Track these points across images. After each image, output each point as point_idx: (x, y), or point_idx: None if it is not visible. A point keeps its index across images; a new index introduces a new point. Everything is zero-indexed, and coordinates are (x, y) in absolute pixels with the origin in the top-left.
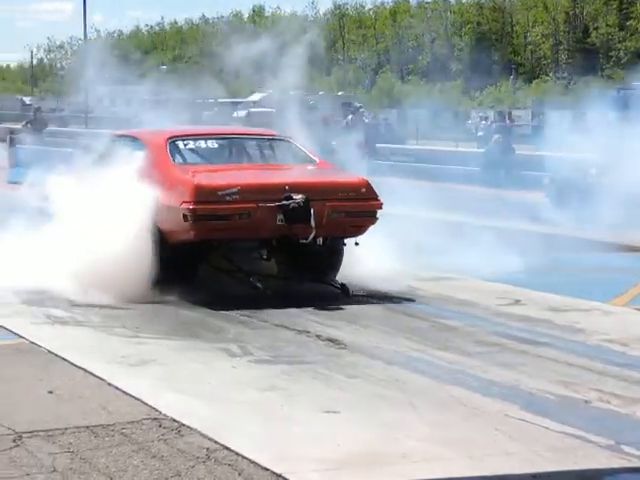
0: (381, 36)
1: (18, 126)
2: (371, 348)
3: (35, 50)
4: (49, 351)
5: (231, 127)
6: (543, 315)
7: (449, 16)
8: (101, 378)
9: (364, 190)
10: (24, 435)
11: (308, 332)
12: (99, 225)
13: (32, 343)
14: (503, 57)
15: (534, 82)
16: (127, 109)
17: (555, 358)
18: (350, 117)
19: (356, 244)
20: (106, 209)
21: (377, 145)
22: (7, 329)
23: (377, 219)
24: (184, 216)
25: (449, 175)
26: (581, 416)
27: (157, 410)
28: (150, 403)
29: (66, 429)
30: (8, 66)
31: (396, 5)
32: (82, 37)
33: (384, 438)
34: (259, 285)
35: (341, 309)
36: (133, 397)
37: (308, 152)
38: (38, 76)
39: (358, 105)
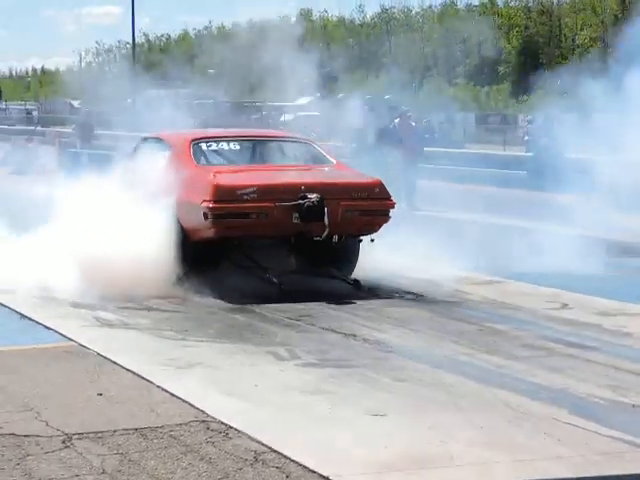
0: (428, 40)
1: (68, 130)
2: (418, 351)
3: (84, 54)
4: (98, 354)
5: (253, 129)
6: (591, 319)
7: (496, 19)
8: (150, 380)
9: (377, 190)
10: (74, 437)
11: (355, 335)
12: (126, 225)
13: (81, 346)
14: (551, 60)
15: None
16: (174, 112)
17: (603, 362)
18: (397, 121)
19: (372, 240)
20: (133, 209)
21: (425, 149)
22: (57, 332)
23: (390, 217)
24: (204, 214)
25: (497, 179)
26: (629, 420)
27: (205, 412)
28: (198, 405)
29: (115, 431)
30: (57, 69)
31: (443, 8)
32: (130, 41)
33: (430, 441)
34: (275, 281)
35: (388, 313)
36: (181, 399)
37: (326, 154)
38: (87, 79)
39: (405, 109)
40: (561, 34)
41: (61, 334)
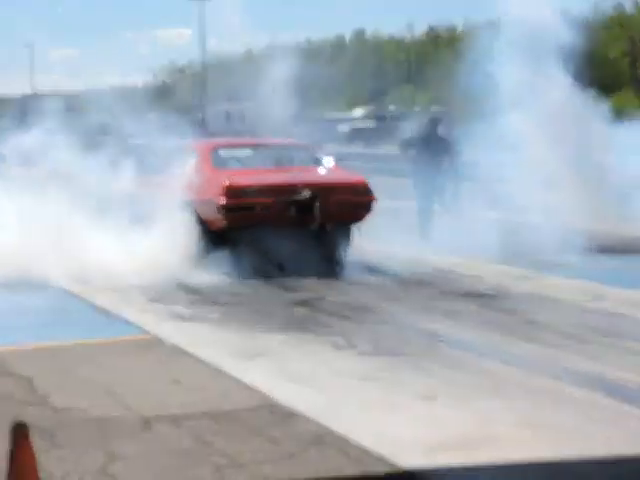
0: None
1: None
2: (465, 341)
3: (158, 73)
4: (173, 345)
5: (265, 138)
6: (627, 310)
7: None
8: (220, 369)
9: (362, 188)
10: (152, 420)
11: (408, 326)
12: (157, 218)
13: (158, 338)
14: (583, 73)
15: (614, 96)
16: (241, 124)
17: (638, 350)
18: (425, 127)
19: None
20: (163, 205)
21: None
22: (136, 325)
23: (372, 210)
24: (218, 208)
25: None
26: None
27: (271, 398)
28: (265, 392)
29: (190, 415)
30: (135, 86)
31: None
32: (200, 59)
33: (477, 423)
34: (275, 263)
35: (438, 306)
36: (249, 386)
37: (324, 157)
38: (162, 96)
39: (435, 114)
40: (593, 49)
41: (139, 327)
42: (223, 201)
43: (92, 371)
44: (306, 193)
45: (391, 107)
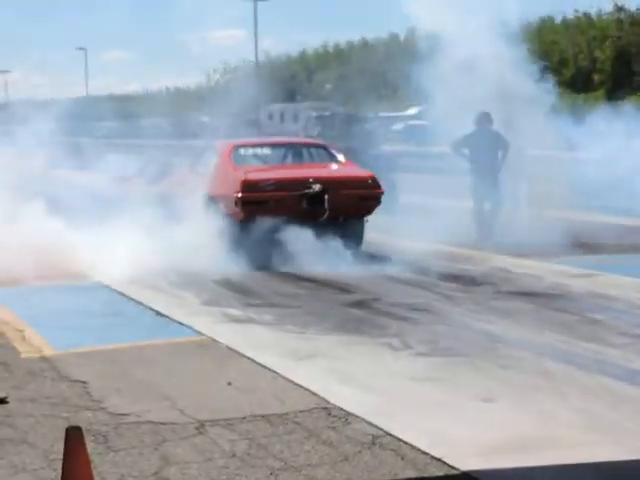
0: (529, 51)
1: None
2: (523, 341)
3: (212, 73)
4: (228, 347)
5: (282, 137)
6: None
7: (591, 32)
8: (275, 371)
9: (370, 182)
10: (206, 423)
11: (464, 326)
12: (184, 214)
13: (212, 340)
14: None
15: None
16: (294, 125)
17: None
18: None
19: (366, 221)
20: (189, 200)
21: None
22: (191, 327)
23: (380, 202)
24: (235, 202)
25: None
26: None
27: (326, 400)
28: (319, 393)
29: (244, 418)
30: (189, 88)
31: (542, 22)
32: (253, 60)
33: (536, 424)
34: (287, 251)
35: (495, 305)
36: (304, 388)
37: (337, 154)
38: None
39: (484, 111)
40: None
41: (194, 329)
42: (240, 195)
43: (147, 374)
44: (316, 187)
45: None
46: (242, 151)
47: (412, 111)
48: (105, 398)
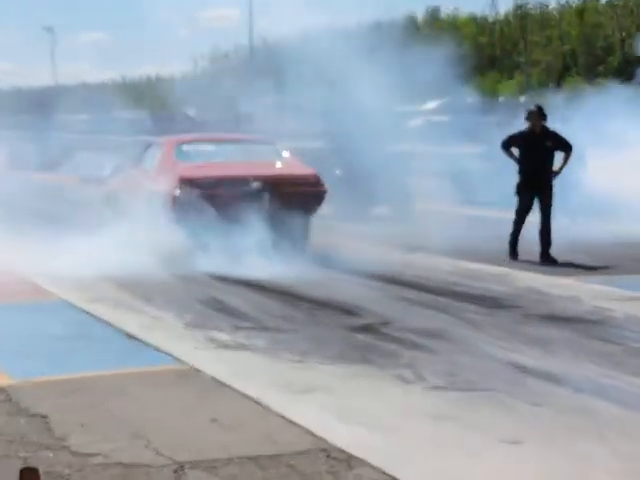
0: (567, 37)
1: None
2: (557, 373)
3: (199, 59)
4: (212, 377)
5: (227, 133)
6: None
7: None
8: (266, 406)
9: (312, 179)
10: (186, 465)
11: (487, 356)
12: (128, 212)
13: (195, 369)
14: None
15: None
16: (295, 121)
17: None
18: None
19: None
20: (133, 198)
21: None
22: (169, 354)
23: (323, 200)
24: (173, 199)
25: None
26: None
27: (325, 440)
28: (318, 432)
29: (230, 459)
30: (172, 77)
31: (583, 4)
32: (247, 44)
33: (573, 473)
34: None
35: (523, 331)
36: (300, 426)
37: (283, 151)
38: (203, 87)
39: (534, 107)
40: None
41: (173, 356)
42: (177, 192)
43: (117, 406)
44: (255, 185)
45: (469, 99)
46: (185, 147)
47: (431, 105)
48: (68, 435)
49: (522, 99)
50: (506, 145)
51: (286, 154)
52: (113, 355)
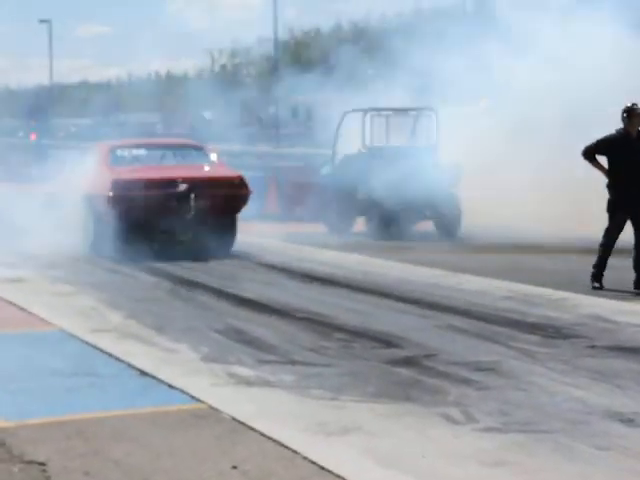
0: None
1: None
2: (625, 412)
3: (217, 54)
4: (233, 418)
5: (160, 138)
6: None
7: None
8: (295, 450)
9: (237, 182)
10: None
11: (545, 393)
12: (63, 212)
13: (213, 408)
14: None
15: None
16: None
17: None
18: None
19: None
20: (69, 200)
21: None
22: (184, 391)
23: (247, 201)
24: (107, 200)
25: None
26: None
27: None
28: None
29: None
30: (186, 75)
31: None
32: (272, 38)
33: None
34: (156, 247)
35: (586, 364)
36: (333, 474)
37: (212, 156)
38: (221, 85)
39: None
40: None
41: (188, 394)
42: (111, 194)
43: (125, 453)
44: (183, 186)
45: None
46: (119, 152)
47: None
48: None
49: None
50: (591, 152)
51: (214, 158)
52: (120, 393)
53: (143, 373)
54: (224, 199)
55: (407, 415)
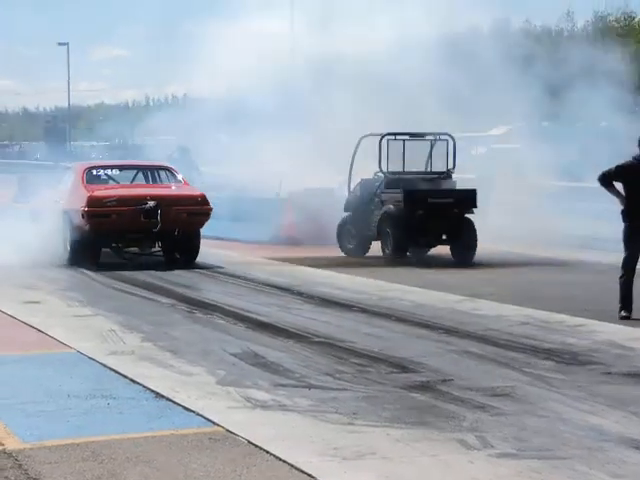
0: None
1: None
2: None
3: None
4: (249, 441)
5: (133, 160)
6: None
7: None
8: (310, 474)
9: (200, 199)
10: None
11: (561, 419)
12: (42, 226)
13: (229, 432)
14: None
15: None
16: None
17: None
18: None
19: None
20: (46, 212)
21: None
22: (200, 414)
23: (209, 217)
24: (82, 215)
25: None
26: None
27: None
28: None
29: None
30: (201, 94)
31: None
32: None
33: None
34: (126, 257)
35: (603, 391)
36: None
37: (179, 177)
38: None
39: None
40: None
41: (204, 417)
42: (86, 209)
43: (141, 476)
44: (151, 203)
45: (544, 123)
46: (94, 172)
47: (498, 131)
48: None
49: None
50: (607, 179)
51: (180, 177)
52: (136, 416)
53: (159, 395)
54: (188, 215)
55: (422, 440)
